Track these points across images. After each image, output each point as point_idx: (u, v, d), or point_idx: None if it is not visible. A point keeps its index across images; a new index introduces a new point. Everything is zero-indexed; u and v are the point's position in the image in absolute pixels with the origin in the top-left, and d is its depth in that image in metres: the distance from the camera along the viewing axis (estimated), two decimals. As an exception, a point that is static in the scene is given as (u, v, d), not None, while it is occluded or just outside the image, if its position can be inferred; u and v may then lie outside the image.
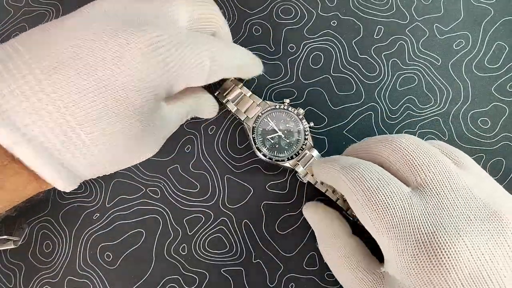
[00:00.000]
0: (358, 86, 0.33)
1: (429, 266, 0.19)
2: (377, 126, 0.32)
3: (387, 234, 0.20)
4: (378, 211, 0.20)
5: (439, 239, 0.19)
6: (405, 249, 0.20)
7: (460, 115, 0.32)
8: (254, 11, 0.34)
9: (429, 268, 0.19)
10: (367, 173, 0.22)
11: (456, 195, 0.20)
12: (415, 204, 0.20)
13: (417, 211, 0.20)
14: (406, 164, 0.22)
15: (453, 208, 0.20)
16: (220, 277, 0.31)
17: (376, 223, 0.20)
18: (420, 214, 0.20)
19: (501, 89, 0.33)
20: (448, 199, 0.20)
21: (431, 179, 0.21)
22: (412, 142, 0.22)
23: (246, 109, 0.31)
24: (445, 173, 0.21)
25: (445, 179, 0.21)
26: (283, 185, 0.32)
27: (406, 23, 0.34)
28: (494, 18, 0.34)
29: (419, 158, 0.22)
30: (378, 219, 0.20)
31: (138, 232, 0.31)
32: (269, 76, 0.33)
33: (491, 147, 0.32)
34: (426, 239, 0.19)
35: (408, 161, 0.22)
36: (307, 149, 0.30)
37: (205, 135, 0.32)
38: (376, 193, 0.21)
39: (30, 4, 0.34)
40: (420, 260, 0.19)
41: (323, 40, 0.33)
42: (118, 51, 0.21)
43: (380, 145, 0.23)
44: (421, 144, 0.22)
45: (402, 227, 0.20)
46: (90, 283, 0.31)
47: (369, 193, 0.21)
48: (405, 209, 0.20)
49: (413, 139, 0.23)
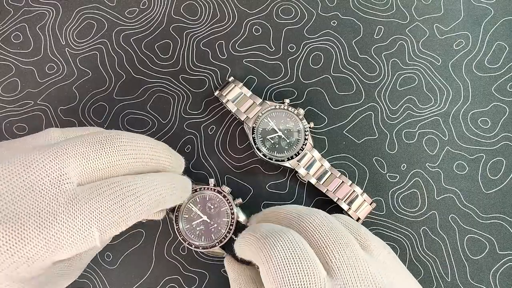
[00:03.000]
0: (358, 86, 0.33)
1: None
2: (377, 126, 0.32)
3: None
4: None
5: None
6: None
7: (460, 115, 0.32)
8: (254, 11, 0.34)
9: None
10: (285, 249, 0.20)
11: (361, 284, 0.20)
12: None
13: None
14: (319, 248, 0.21)
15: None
16: (220, 277, 0.31)
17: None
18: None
19: (501, 89, 0.33)
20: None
21: (339, 267, 0.20)
22: (324, 223, 0.22)
23: (246, 109, 0.31)
24: (354, 260, 0.20)
25: (353, 267, 0.20)
26: (283, 185, 0.32)
27: (406, 23, 0.34)
28: (494, 18, 0.34)
29: (330, 242, 0.21)
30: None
31: (138, 232, 0.31)
32: (269, 76, 0.33)
33: (491, 147, 0.32)
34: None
35: (320, 244, 0.21)
36: (307, 149, 0.30)
37: (205, 135, 0.32)
38: (294, 281, 0.19)
39: (30, 4, 0.34)
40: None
41: (323, 40, 0.33)
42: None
43: (294, 224, 0.22)
44: (332, 226, 0.22)
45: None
46: (90, 283, 0.31)
47: (283, 279, 0.19)
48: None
49: (325, 220, 0.22)
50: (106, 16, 0.34)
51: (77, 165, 0.20)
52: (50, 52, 0.33)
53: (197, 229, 0.28)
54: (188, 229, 0.28)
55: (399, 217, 0.31)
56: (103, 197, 0.20)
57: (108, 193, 0.20)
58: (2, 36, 0.33)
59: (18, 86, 0.33)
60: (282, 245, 0.20)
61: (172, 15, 0.34)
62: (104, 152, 0.21)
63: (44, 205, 0.19)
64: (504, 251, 0.31)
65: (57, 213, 0.19)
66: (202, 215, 0.28)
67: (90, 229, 0.19)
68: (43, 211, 0.19)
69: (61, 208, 0.19)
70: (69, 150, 0.20)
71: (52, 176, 0.19)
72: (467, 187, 0.32)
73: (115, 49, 0.33)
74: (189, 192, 0.26)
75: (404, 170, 0.32)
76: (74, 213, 0.19)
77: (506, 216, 0.31)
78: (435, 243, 0.31)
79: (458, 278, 0.31)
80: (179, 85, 0.33)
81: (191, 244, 0.27)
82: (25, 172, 0.19)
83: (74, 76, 0.33)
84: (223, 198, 0.28)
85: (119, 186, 0.21)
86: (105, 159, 0.21)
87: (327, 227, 0.22)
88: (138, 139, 0.23)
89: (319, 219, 0.22)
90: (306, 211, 0.23)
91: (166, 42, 0.33)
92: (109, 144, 0.21)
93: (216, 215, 0.28)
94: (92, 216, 0.19)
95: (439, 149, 0.32)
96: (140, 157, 0.23)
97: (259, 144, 0.30)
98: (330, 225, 0.22)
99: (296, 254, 0.20)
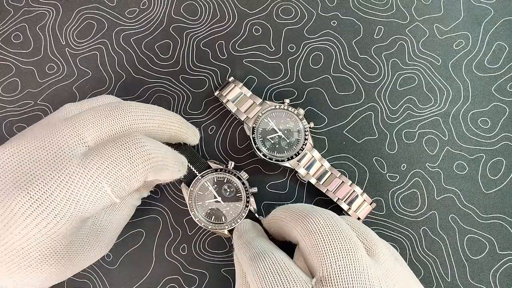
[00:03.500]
0: (358, 86, 0.33)
1: None
2: (377, 126, 0.32)
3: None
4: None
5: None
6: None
7: (460, 115, 0.32)
8: (254, 11, 0.34)
9: None
10: (269, 267, 0.21)
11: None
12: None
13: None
14: (316, 252, 0.21)
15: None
16: (220, 277, 0.31)
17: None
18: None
19: (501, 89, 0.33)
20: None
21: (336, 274, 0.20)
22: (329, 224, 0.22)
23: (246, 109, 0.31)
24: (353, 265, 0.20)
25: (351, 274, 0.20)
26: (283, 185, 0.32)
27: (406, 23, 0.34)
28: (494, 18, 0.34)
29: (330, 245, 0.21)
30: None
31: (138, 232, 0.31)
32: (269, 76, 0.33)
33: (491, 147, 0.32)
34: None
35: (318, 248, 0.21)
36: (307, 149, 0.30)
37: (205, 135, 0.32)
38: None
39: (30, 4, 0.34)
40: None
41: (323, 40, 0.33)
42: (5, 217, 0.20)
43: (298, 223, 0.23)
44: (336, 227, 0.22)
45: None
46: (90, 283, 0.31)
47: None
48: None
49: (330, 220, 0.22)
50: (106, 16, 0.34)
51: (93, 131, 0.23)
52: (50, 52, 0.33)
53: (209, 208, 0.28)
54: (200, 206, 0.28)
55: (399, 217, 0.31)
56: (109, 151, 0.22)
57: (114, 146, 0.22)
58: (2, 36, 0.33)
59: (18, 86, 0.33)
60: (268, 263, 0.22)
61: (172, 15, 0.34)
62: (117, 117, 0.23)
63: (63, 167, 0.21)
64: (504, 251, 0.31)
65: (72, 172, 0.21)
66: (217, 196, 0.28)
67: (101, 184, 0.21)
68: (62, 172, 0.21)
69: (76, 167, 0.21)
70: (86, 118, 0.23)
71: (71, 141, 0.22)
72: (467, 187, 0.32)
73: (115, 49, 0.33)
74: (185, 169, 0.27)
75: (404, 170, 0.32)
76: (85, 169, 0.21)
77: (506, 216, 0.31)
78: (435, 243, 0.31)
79: (458, 278, 0.31)
80: (179, 85, 0.33)
81: (200, 221, 0.28)
82: (50, 142, 0.22)
83: (74, 76, 0.33)
84: (241, 184, 0.28)
85: (126, 140, 0.22)
86: (118, 124, 0.23)
87: (332, 229, 0.22)
88: (150, 107, 0.25)
89: (324, 219, 0.22)
90: (313, 210, 0.23)
91: (166, 42, 0.33)
92: (120, 110, 0.24)
93: (230, 199, 0.28)
94: (100, 170, 0.21)
95: (439, 149, 0.32)
96: (152, 122, 0.25)
97: (259, 144, 0.30)
98: (335, 226, 0.22)
99: (278, 272, 0.21)
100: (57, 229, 0.21)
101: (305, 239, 0.22)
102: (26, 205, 0.20)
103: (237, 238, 0.26)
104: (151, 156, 0.23)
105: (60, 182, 0.21)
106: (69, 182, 0.21)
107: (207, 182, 0.29)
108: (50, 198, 0.20)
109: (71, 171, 0.21)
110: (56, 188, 0.20)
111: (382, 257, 0.22)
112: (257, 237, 0.25)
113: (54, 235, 0.21)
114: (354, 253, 0.21)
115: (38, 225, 0.20)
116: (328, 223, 0.22)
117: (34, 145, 0.22)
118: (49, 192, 0.20)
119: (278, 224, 0.25)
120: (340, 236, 0.21)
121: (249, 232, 0.26)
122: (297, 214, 0.23)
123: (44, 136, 0.22)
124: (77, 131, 0.22)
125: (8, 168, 0.21)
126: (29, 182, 0.20)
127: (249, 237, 0.25)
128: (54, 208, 0.20)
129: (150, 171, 0.23)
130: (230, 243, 0.30)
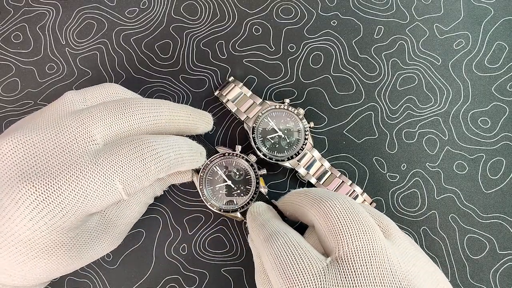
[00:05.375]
0: (358, 86, 0.33)
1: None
2: (377, 126, 0.32)
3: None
4: (288, 285, 0.20)
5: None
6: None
7: (460, 115, 0.32)
8: (254, 11, 0.34)
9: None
10: (283, 247, 0.21)
11: (374, 272, 0.20)
12: (328, 280, 0.20)
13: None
14: (332, 233, 0.21)
15: (367, 286, 0.20)
16: (220, 277, 0.31)
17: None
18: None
19: (501, 89, 0.33)
20: (364, 277, 0.20)
21: (353, 252, 0.20)
22: (345, 207, 0.22)
23: (246, 109, 0.31)
24: (371, 245, 0.20)
25: (369, 252, 0.20)
26: (283, 185, 0.32)
27: (406, 23, 0.34)
28: (494, 18, 0.34)
29: (347, 226, 0.21)
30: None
31: (138, 232, 0.31)
32: (269, 76, 0.33)
33: (491, 147, 0.32)
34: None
35: (334, 229, 0.21)
36: (307, 149, 0.30)
37: (205, 135, 0.32)
38: (289, 269, 0.20)
39: (30, 4, 0.34)
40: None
41: (323, 40, 0.33)
42: (9, 210, 0.20)
43: (314, 206, 0.23)
44: (353, 210, 0.22)
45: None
46: (90, 283, 0.31)
47: (282, 268, 0.21)
48: (315, 285, 0.20)
49: (346, 203, 0.22)
50: (106, 16, 0.34)
51: (102, 129, 0.23)
52: (50, 52, 0.33)
53: (220, 192, 0.29)
54: (211, 190, 0.29)
55: (399, 217, 0.31)
56: (123, 151, 0.22)
57: (128, 148, 0.22)
58: (2, 36, 0.33)
59: (18, 86, 0.33)
60: (282, 242, 0.22)
61: (172, 15, 0.34)
62: (125, 116, 0.23)
63: (73, 163, 0.21)
64: (504, 250, 0.31)
65: (84, 168, 0.21)
66: (227, 180, 0.29)
67: (113, 181, 0.22)
68: (72, 168, 0.21)
69: (88, 164, 0.21)
70: (95, 116, 0.23)
71: (80, 138, 0.22)
72: (467, 187, 0.32)
73: (115, 49, 0.33)
74: (204, 158, 0.28)
75: (404, 170, 0.32)
76: (98, 167, 0.21)
77: (506, 216, 0.31)
78: (435, 243, 0.31)
79: (458, 278, 0.31)
80: (179, 85, 0.33)
81: (213, 205, 0.28)
82: (57, 136, 0.22)
83: (74, 76, 0.33)
84: (249, 166, 0.29)
85: (139, 142, 0.23)
86: (127, 122, 0.23)
87: (348, 211, 0.22)
88: (158, 103, 0.25)
89: (340, 203, 0.22)
90: (329, 194, 0.23)
91: (166, 42, 0.33)
92: (129, 108, 0.24)
93: (240, 182, 0.29)
94: (114, 169, 0.22)
95: (439, 149, 0.32)
96: (160, 119, 0.25)
97: (259, 144, 0.30)
98: (351, 209, 0.22)
99: (292, 250, 0.21)
100: (63, 222, 0.21)
101: (321, 221, 0.22)
102: (31, 198, 0.20)
103: (251, 220, 0.26)
104: (163, 158, 0.23)
105: (70, 177, 0.21)
106: (80, 177, 0.21)
107: (216, 167, 0.29)
108: (57, 192, 0.20)
109: (83, 167, 0.21)
110: (65, 183, 0.21)
111: (398, 240, 0.22)
112: (271, 218, 0.25)
113: (60, 227, 0.21)
114: (372, 233, 0.21)
115: (44, 218, 0.20)
116: (344, 206, 0.22)
117: (40, 137, 0.21)
118: (57, 186, 0.20)
119: (294, 207, 0.25)
120: (357, 217, 0.22)
121: (263, 214, 0.26)
122: (313, 197, 0.23)
123: (50, 129, 0.22)
124: (86, 128, 0.22)
125: (11, 160, 0.21)
126: (35, 175, 0.20)
127: (263, 219, 0.25)
128: (62, 202, 0.20)
129: (162, 171, 0.23)
130: (245, 226, 0.30)
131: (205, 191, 0.29)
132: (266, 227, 0.24)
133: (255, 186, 0.28)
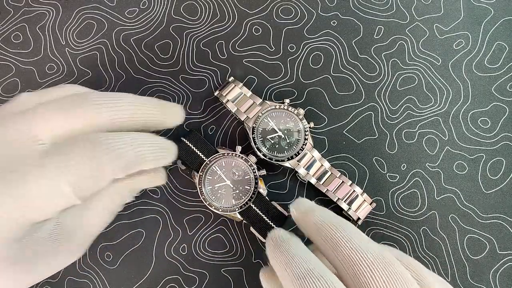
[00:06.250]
0: (358, 86, 0.33)
1: None
2: (377, 126, 0.32)
3: None
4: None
5: None
6: None
7: (460, 115, 0.32)
8: (254, 11, 0.34)
9: None
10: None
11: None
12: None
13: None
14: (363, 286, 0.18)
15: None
16: (220, 277, 0.31)
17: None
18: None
19: (501, 89, 0.33)
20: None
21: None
22: (380, 263, 0.18)
23: (246, 109, 0.31)
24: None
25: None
26: (283, 185, 0.32)
27: (406, 23, 0.34)
28: (494, 18, 0.34)
29: (383, 285, 0.18)
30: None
31: (138, 232, 0.31)
32: (269, 76, 0.33)
33: (491, 147, 0.32)
34: None
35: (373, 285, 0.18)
36: (307, 150, 0.30)
37: (205, 135, 0.32)
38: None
39: (30, 4, 0.34)
40: None
41: (323, 40, 0.33)
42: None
43: (339, 254, 0.19)
44: (389, 265, 0.18)
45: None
46: (90, 283, 0.31)
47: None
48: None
49: (380, 258, 0.19)
50: (106, 16, 0.34)
51: (48, 127, 0.20)
52: (50, 52, 0.33)
53: (219, 192, 0.29)
54: (210, 190, 0.29)
55: (399, 217, 0.31)
56: (71, 150, 0.20)
57: (76, 146, 0.20)
58: (2, 36, 0.33)
59: (18, 86, 0.33)
60: (373, 259, 0.18)
61: (172, 15, 0.34)
62: (77, 112, 0.21)
63: (14, 166, 0.19)
64: (504, 251, 0.31)
65: (27, 171, 0.19)
66: (226, 179, 0.29)
67: (59, 183, 0.19)
68: (14, 171, 0.19)
69: (31, 166, 0.19)
70: (40, 113, 0.20)
71: (23, 139, 0.20)
72: (467, 187, 0.32)
73: (115, 49, 0.33)
74: (174, 155, 0.24)
75: (404, 170, 0.32)
76: (42, 168, 0.19)
77: (506, 216, 0.31)
78: (435, 243, 0.31)
79: (458, 278, 0.31)
80: (179, 85, 0.33)
81: (211, 205, 0.28)
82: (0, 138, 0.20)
83: (74, 76, 0.33)
84: (249, 166, 0.29)
85: (89, 140, 0.20)
86: (79, 119, 0.21)
87: (383, 267, 0.18)
88: (119, 97, 0.22)
89: (373, 257, 0.19)
90: (356, 241, 0.20)
91: (166, 42, 0.33)
92: (83, 104, 0.21)
93: (239, 182, 0.29)
94: (60, 169, 0.19)
95: (439, 149, 0.32)
96: (120, 114, 0.22)
97: (259, 144, 0.30)
98: (386, 264, 0.19)
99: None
100: (2, 232, 0.19)
101: (349, 272, 0.19)
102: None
103: (273, 248, 0.22)
104: (118, 155, 0.21)
105: (10, 181, 0.19)
106: (21, 181, 0.19)
107: (215, 167, 0.29)
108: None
109: (26, 170, 0.19)
110: (4, 187, 0.18)
111: None
112: (298, 249, 0.21)
113: (0, 238, 0.19)
114: None
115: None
116: (378, 261, 0.19)
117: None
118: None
119: (315, 243, 0.22)
120: (394, 276, 0.18)
121: (288, 241, 0.22)
122: (338, 243, 0.20)
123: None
124: (30, 127, 0.20)
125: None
126: None
127: (288, 247, 0.21)
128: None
129: (119, 170, 0.21)
130: (248, 230, 0.30)
131: (204, 191, 0.29)
132: (295, 261, 0.20)
133: (254, 186, 0.29)
